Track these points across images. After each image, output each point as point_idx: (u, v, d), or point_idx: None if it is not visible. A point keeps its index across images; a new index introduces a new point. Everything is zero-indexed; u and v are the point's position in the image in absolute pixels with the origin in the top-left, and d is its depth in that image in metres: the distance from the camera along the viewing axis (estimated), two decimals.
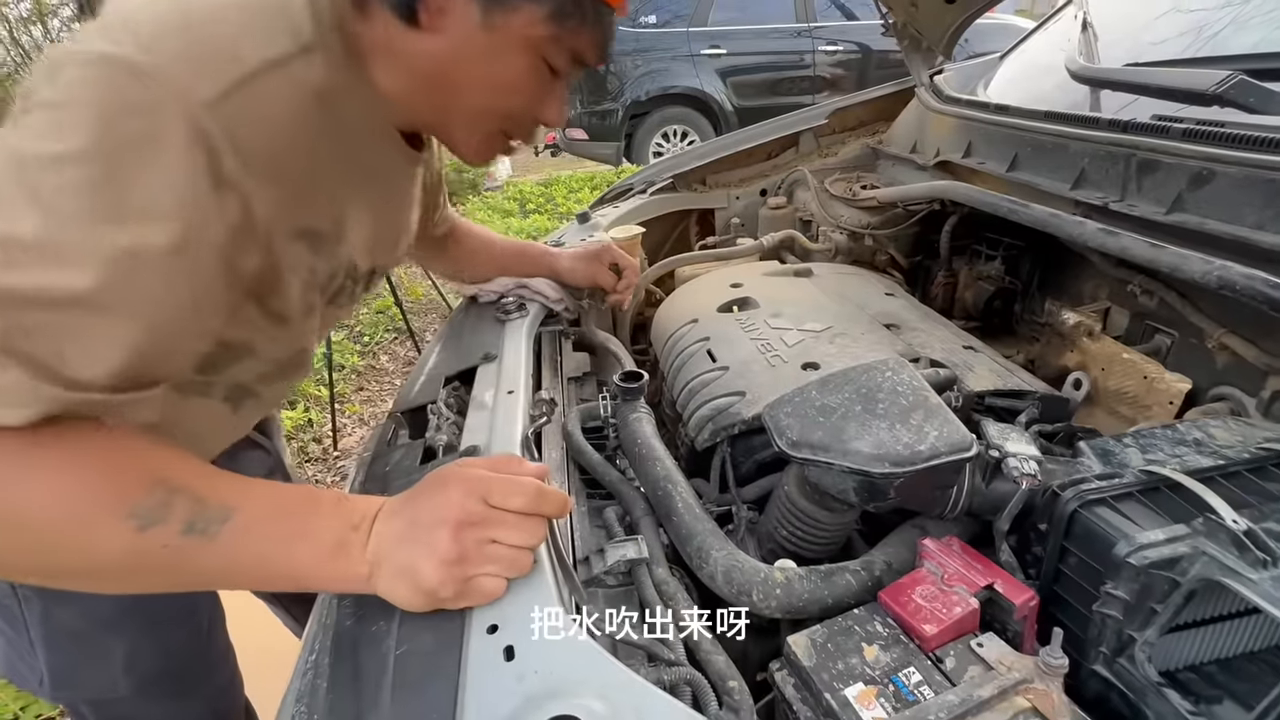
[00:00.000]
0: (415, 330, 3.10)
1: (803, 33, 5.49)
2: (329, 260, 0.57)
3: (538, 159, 7.63)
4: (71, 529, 0.38)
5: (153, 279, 0.40)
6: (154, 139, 0.39)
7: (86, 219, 0.37)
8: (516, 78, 0.54)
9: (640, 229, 1.19)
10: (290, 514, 0.44)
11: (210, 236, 0.42)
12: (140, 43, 0.39)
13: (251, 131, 0.43)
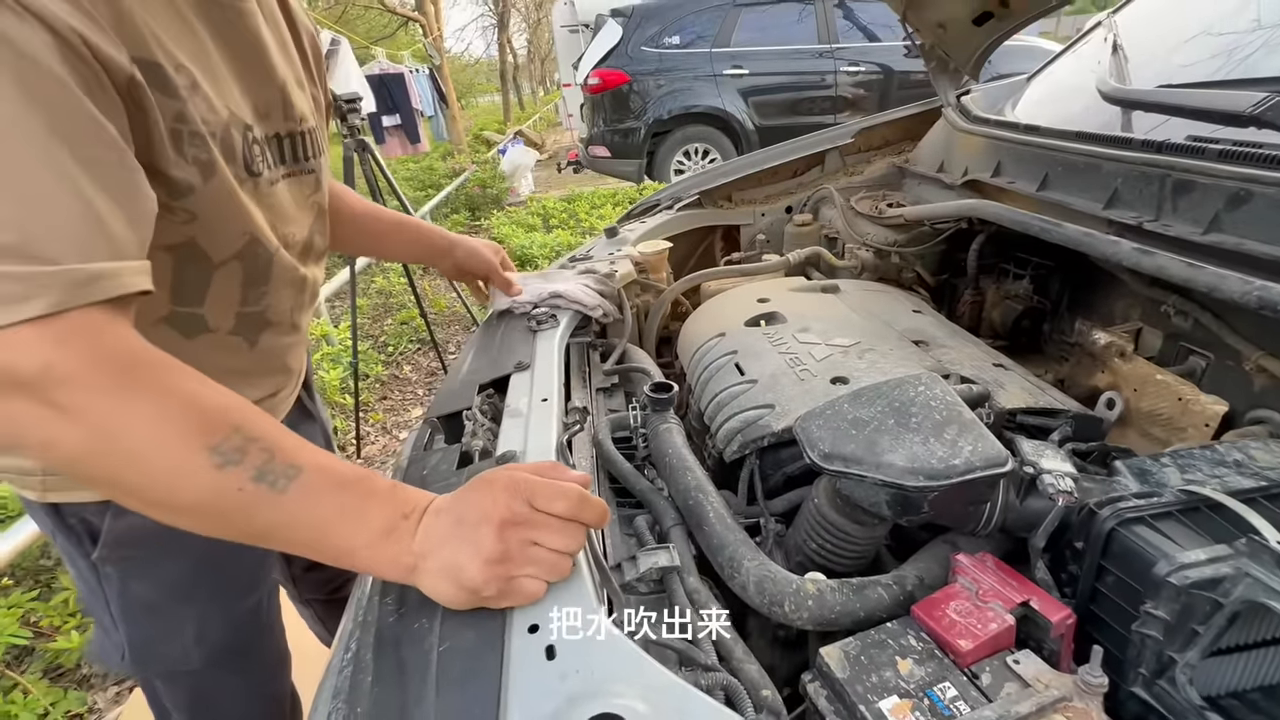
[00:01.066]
0: (438, 341, 3.14)
1: (824, 54, 5.54)
2: (201, 108, 0.54)
3: (560, 175, 7.76)
4: (159, 453, 0.41)
5: (17, 137, 0.39)
6: None
7: None
8: None
9: (667, 244, 1.21)
10: (349, 488, 0.46)
11: (46, 74, 0.40)
12: None
13: None
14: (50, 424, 0.40)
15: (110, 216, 0.43)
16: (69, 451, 0.41)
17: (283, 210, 0.67)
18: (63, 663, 1.58)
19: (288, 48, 0.70)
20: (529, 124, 15.07)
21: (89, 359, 0.40)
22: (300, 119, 0.69)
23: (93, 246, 0.42)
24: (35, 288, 0.39)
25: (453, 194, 5.96)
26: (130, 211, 0.45)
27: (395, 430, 2.73)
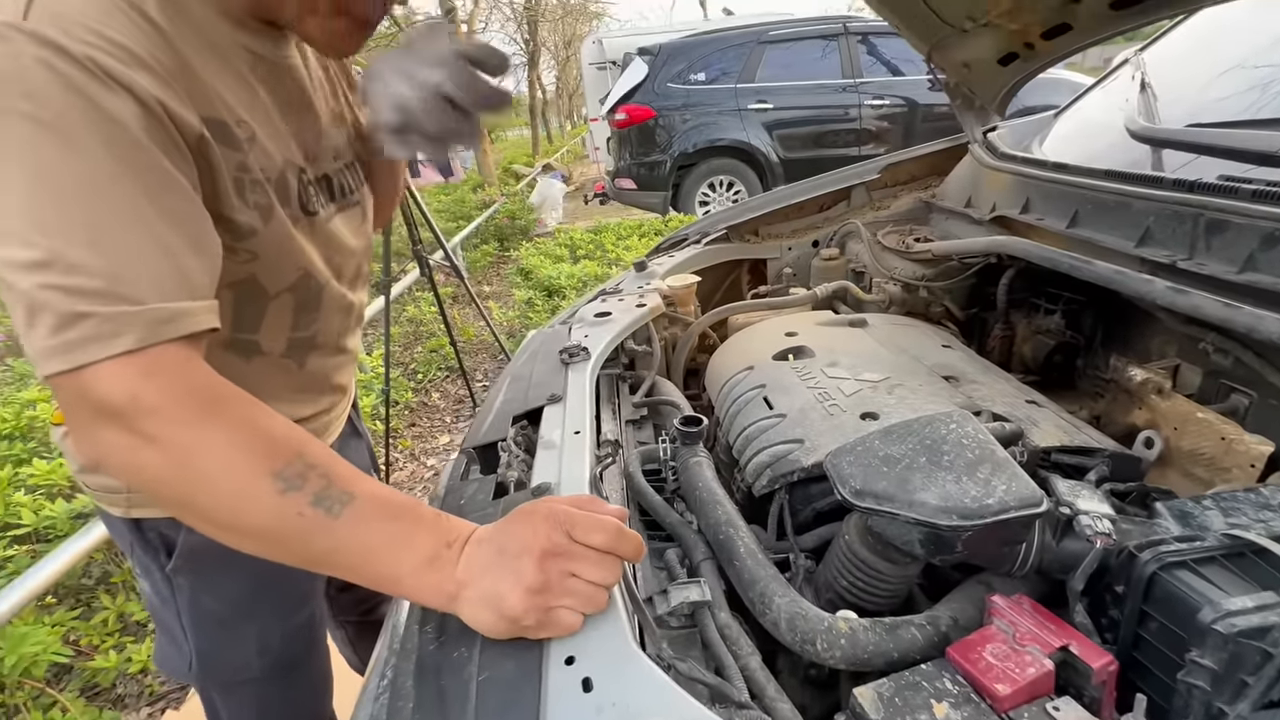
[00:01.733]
0: (466, 369, 3.20)
1: (848, 88, 5.61)
2: (259, 156, 0.58)
3: (587, 206, 7.93)
4: (229, 478, 0.45)
5: (107, 191, 0.44)
6: (25, 90, 0.41)
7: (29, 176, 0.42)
8: None
9: (695, 278, 1.23)
10: (397, 516, 0.48)
11: (132, 136, 0.45)
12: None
13: (83, 21, 0.44)
14: (137, 451, 0.44)
15: (186, 261, 0.48)
16: (151, 476, 0.45)
17: (337, 243, 0.72)
18: (99, 682, 1.62)
19: (331, 84, 0.76)
20: (556, 157, 15.46)
21: (170, 392, 0.44)
22: (342, 155, 0.75)
23: (172, 288, 0.46)
24: (122, 326, 0.43)
25: (483, 225, 6.12)
26: (202, 255, 0.50)
27: (423, 457, 2.77)
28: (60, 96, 0.42)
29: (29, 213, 0.42)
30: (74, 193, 0.43)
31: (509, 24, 15.54)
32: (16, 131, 0.42)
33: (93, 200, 0.43)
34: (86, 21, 0.44)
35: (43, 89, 0.42)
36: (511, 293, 4.35)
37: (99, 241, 0.43)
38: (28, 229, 0.42)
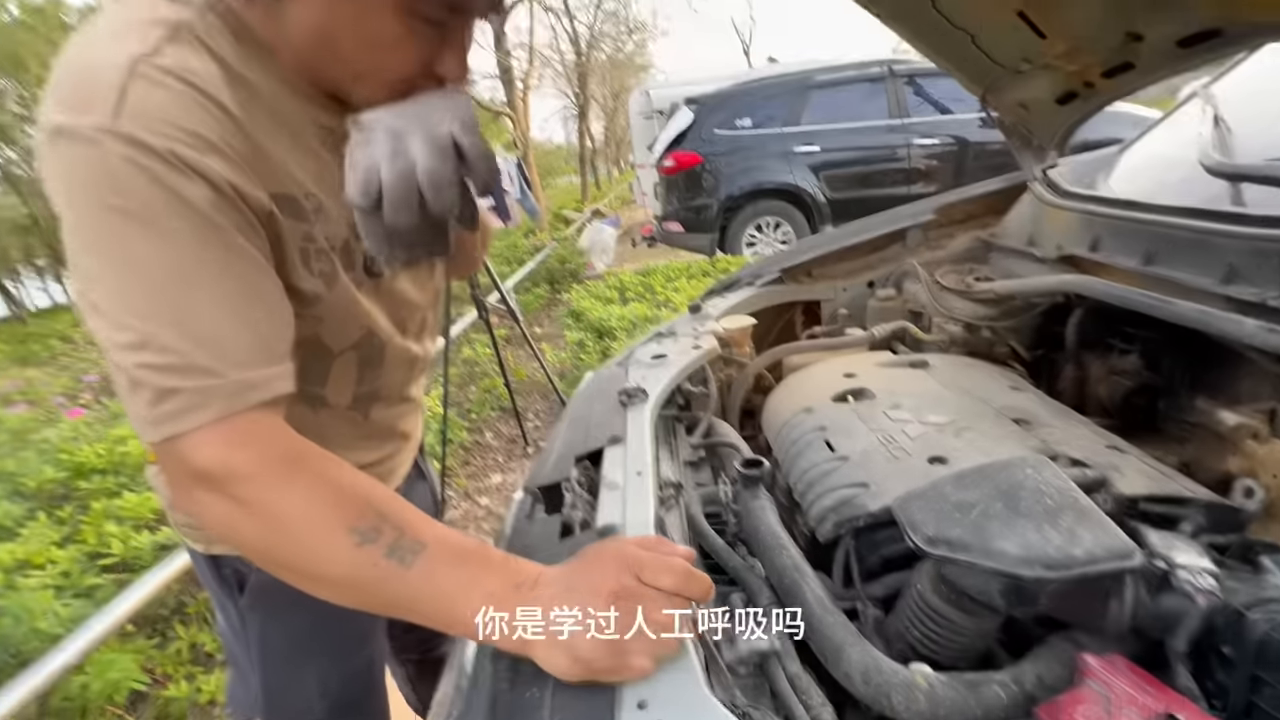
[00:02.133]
0: (519, 408, 3.27)
1: (896, 128, 5.62)
2: (325, 226, 0.61)
3: (635, 249, 8.10)
4: (311, 534, 0.48)
5: (190, 272, 0.48)
6: (117, 186, 0.46)
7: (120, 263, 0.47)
8: (392, 35, 0.54)
9: (751, 320, 1.24)
10: (467, 561, 0.49)
11: (208, 217, 0.49)
12: (59, 102, 0.48)
13: (164, 117, 0.47)
14: (231, 514, 0.48)
15: (263, 329, 0.52)
16: (243, 537, 0.49)
17: (404, 299, 0.75)
18: (171, 711, 1.68)
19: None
20: (604, 202, 15.93)
21: (257, 456, 0.48)
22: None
23: (251, 357, 0.51)
24: (209, 398, 0.47)
25: (535, 268, 6.33)
26: (277, 322, 0.54)
27: (476, 495, 2.82)
28: (144, 189, 0.47)
29: (123, 298, 0.48)
30: (160, 277, 0.48)
31: (560, 79, 16.36)
32: (109, 224, 0.47)
33: (176, 282, 0.48)
34: (166, 116, 0.48)
35: (129, 184, 0.47)
36: (563, 334, 4.44)
37: (184, 320, 0.48)
38: (124, 313, 0.48)
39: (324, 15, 0.53)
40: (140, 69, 0.48)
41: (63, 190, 0.48)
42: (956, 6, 1.09)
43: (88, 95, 0.47)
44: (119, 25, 0.51)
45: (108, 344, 0.48)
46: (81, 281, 0.49)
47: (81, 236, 0.48)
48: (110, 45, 0.49)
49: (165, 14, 0.52)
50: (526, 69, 11.69)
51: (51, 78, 0.49)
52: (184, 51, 0.51)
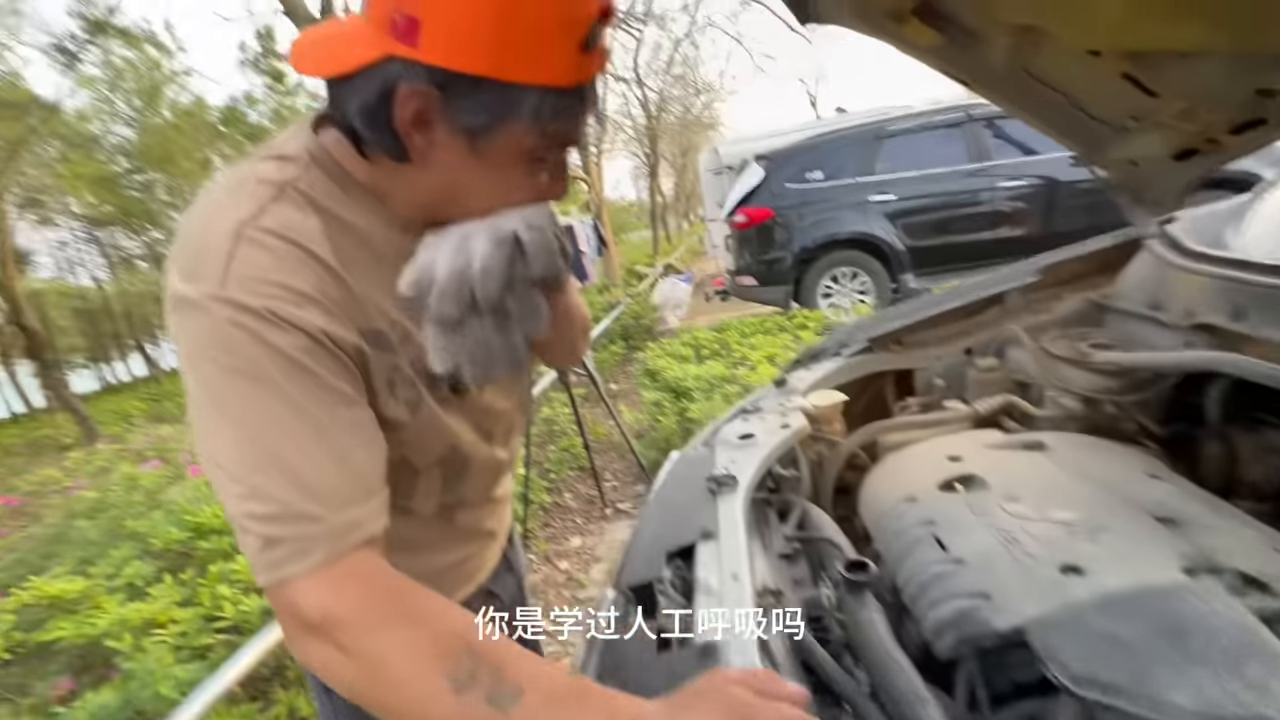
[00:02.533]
0: (597, 468, 3.28)
1: (977, 172, 5.44)
2: (410, 351, 0.62)
3: (708, 304, 8.14)
4: (410, 682, 0.48)
5: (290, 421, 0.51)
6: (225, 348, 0.51)
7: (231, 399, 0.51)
8: (518, 183, 0.58)
9: (841, 396, 1.19)
10: (565, 703, 0.48)
11: (304, 366, 0.52)
12: (179, 272, 0.52)
13: (264, 277, 0.51)
14: (333, 660, 0.49)
15: (359, 467, 0.55)
16: (345, 681, 0.50)
17: (490, 408, 0.77)
18: None
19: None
20: (675, 256, 16.21)
21: (357, 601, 0.50)
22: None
23: (349, 496, 0.53)
24: (312, 544, 0.50)
25: (609, 325, 6.47)
26: (372, 458, 0.57)
27: (556, 559, 2.82)
28: (247, 347, 0.51)
29: (233, 451, 0.51)
30: (262, 428, 0.51)
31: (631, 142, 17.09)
32: (218, 382, 0.51)
33: (277, 432, 0.51)
34: (266, 276, 0.52)
35: (234, 343, 0.51)
36: (639, 392, 4.47)
37: (285, 469, 0.51)
38: (234, 465, 0.51)
39: (453, 175, 0.57)
40: (246, 233, 0.52)
41: (183, 354, 0.53)
42: (1052, 71, 1.05)
43: (200, 264, 0.52)
44: (232, 189, 0.56)
45: (224, 495, 0.52)
46: (200, 439, 0.53)
47: (197, 395, 0.53)
48: (222, 212, 0.54)
49: (272, 174, 0.57)
50: (600, 135, 12.31)
51: (174, 245, 0.55)
52: (286, 209, 0.55)
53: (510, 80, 0.51)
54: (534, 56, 0.50)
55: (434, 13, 0.48)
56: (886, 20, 1.06)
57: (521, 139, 0.55)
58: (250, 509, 0.50)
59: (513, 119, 0.53)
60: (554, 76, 0.52)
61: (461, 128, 0.53)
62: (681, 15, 13.13)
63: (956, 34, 1.06)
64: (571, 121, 0.56)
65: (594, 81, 0.56)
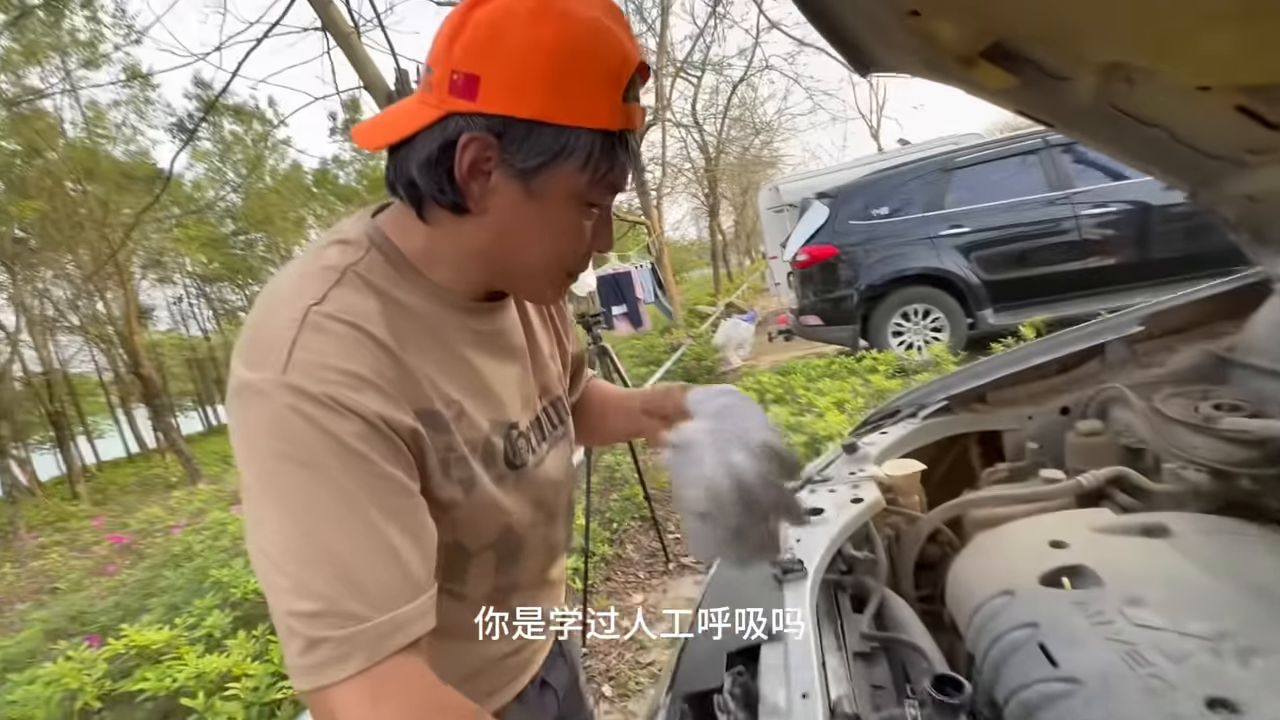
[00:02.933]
0: (659, 519, 3.19)
1: (1058, 200, 5.13)
2: (465, 430, 0.62)
3: (771, 343, 7.98)
4: None
5: (342, 512, 0.49)
6: (283, 434, 0.50)
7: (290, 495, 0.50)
8: (568, 226, 0.60)
9: (919, 465, 1.09)
10: None
11: (359, 452, 0.51)
12: (243, 358, 0.53)
13: (324, 362, 0.51)
14: None
15: (408, 559, 0.52)
16: None
17: (548, 482, 0.74)
18: None
19: (544, 325, 0.82)
20: (737, 294, 16.13)
21: (396, 713, 0.47)
22: (551, 391, 0.79)
23: (395, 595, 0.50)
24: (354, 647, 0.47)
25: (671, 367, 6.43)
26: (421, 548, 0.54)
27: (620, 617, 2.73)
28: (302, 433, 0.49)
29: (280, 540, 0.50)
30: (311, 519, 0.50)
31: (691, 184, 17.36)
32: (271, 470, 0.50)
33: (327, 523, 0.50)
34: (326, 361, 0.52)
35: (290, 429, 0.50)
36: None
37: (332, 563, 0.49)
38: (280, 555, 0.49)
39: (507, 221, 0.59)
40: (309, 318, 0.53)
41: (240, 440, 0.52)
42: (1148, 106, 0.95)
43: (264, 351, 0.52)
44: (297, 276, 0.58)
45: (269, 589, 0.50)
46: (250, 528, 0.52)
47: (250, 482, 0.52)
48: (286, 299, 0.55)
49: (335, 259, 0.58)
50: (660, 179, 12.57)
51: (241, 333, 0.56)
52: (348, 293, 0.56)
53: (562, 123, 0.54)
54: (583, 101, 0.54)
55: (493, 68, 0.53)
56: (952, 65, 0.99)
57: (572, 180, 0.57)
58: (294, 607, 0.48)
59: (564, 159, 0.55)
60: (602, 120, 0.55)
61: (517, 171, 0.56)
62: (739, 60, 13.34)
63: (1033, 74, 0.99)
64: (617, 167, 0.58)
65: (635, 134, 0.59)
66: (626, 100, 0.56)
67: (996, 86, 1.00)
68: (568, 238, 0.61)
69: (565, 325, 0.89)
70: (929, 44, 0.96)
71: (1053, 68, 0.95)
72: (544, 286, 0.66)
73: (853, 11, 0.97)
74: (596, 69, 0.54)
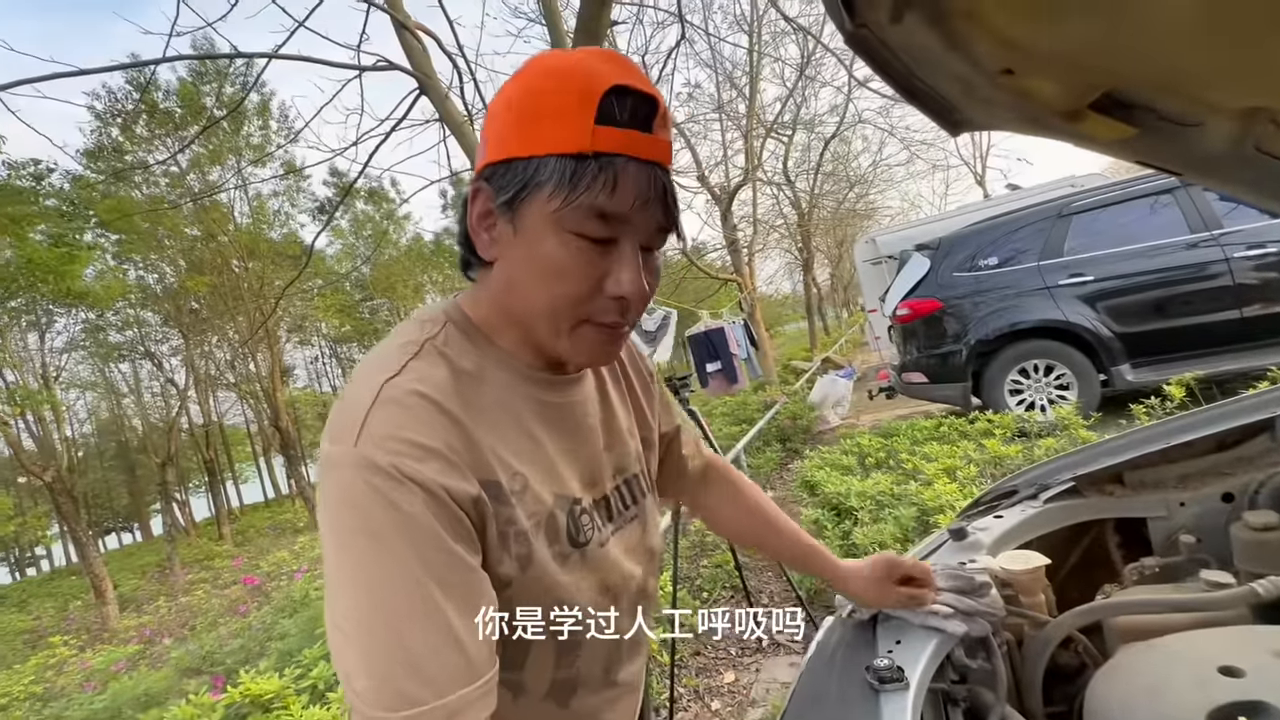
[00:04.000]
0: (751, 590, 3.03)
1: (1202, 243, 4.58)
2: (526, 504, 0.61)
3: (871, 401, 7.56)
4: None
5: (404, 588, 0.50)
6: (353, 505, 0.51)
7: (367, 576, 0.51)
8: (558, 262, 0.58)
9: (1043, 560, 0.95)
10: None
11: (422, 524, 0.51)
12: (328, 433, 0.55)
13: (393, 433, 0.53)
14: None
15: (467, 640, 0.51)
16: None
17: (613, 566, 0.71)
18: None
19: (623, 400, 0.80)
20: (834, 349, 15.59)
21: None
22: (626, 470, 0.76)
23: (454, 678, 0.49)
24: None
25: (765, 427, 6.24)
26: (484, 630, 0.53)
27: (707, 696, 2.57)
28: (369, 504, 0.50)
29: (351, 613, 0.50)
30: (379, 595, 0.50)
31: (784, 239, 17.28)
32: (342, 541, 0.51)
33: (393, 599, 0.50)
34: (395, 433, 0.53)
35: (359, 500, 0.51)
36: (796, 500, 4.16)
37: (395, 643, 0.49)
38: (351, 630, 0.50)
39: (510, 262, 0.61)
40: (384, 392, 0.55)
41: (320, 511, 0.54)
42: None
43: (344, 425, 0.54)
44: (381, 352, 0.61)
45: (338, 663, 0.51)
46: (327, 597, 0.53)
47: (327, 554, 0.53)
48: (370, 375, 0.58)
49: (414, 335, 0.61)
50: (751, 236, 12.62)
51: (331, 413, 0.59)
52: (422, 365, 0.58)
53: (530, 154, 0.57)
54: (548, 129, 0.56)
55: (487, 128, 0.60)
56: (1056, 120, 0.92)
57: (546, 208, 0.57)
58: (356, 683, 0.49)
59: (536, 188, 0.57)
60: (569, 145, 0.56)
61: (502, 205, 0.59)
62: (830, 117, 13.37)
63: (1154, 123, 0.89)
64: (594, 188, 0.56)
65: (629, 156, 0.57)
66: (604, 124, 0.55)
67: (1110, 139, 0.92)
68: (563, 275, 0.58)
69: (651, 401, 0.87)
70: (1027, 101, 0.90)
71: (1177, 115, 0.85)
72: (559, 338, 0.62)
73: (939, 75, 0.93)
74: (560, 98, 0.56)
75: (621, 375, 0.83)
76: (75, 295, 12.22)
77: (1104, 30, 0.63)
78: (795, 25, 6.06)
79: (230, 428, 26.64)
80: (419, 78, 3.73)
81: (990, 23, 0.66)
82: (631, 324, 0.65)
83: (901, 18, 0.65)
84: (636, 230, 0.59)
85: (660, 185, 0.59)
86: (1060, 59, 0.82)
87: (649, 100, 0.58)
